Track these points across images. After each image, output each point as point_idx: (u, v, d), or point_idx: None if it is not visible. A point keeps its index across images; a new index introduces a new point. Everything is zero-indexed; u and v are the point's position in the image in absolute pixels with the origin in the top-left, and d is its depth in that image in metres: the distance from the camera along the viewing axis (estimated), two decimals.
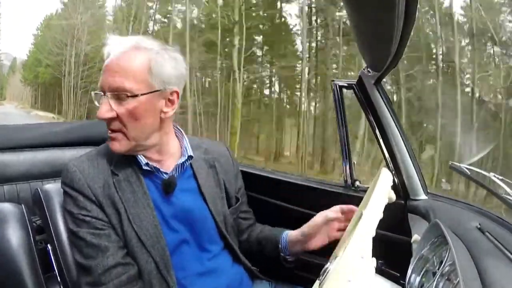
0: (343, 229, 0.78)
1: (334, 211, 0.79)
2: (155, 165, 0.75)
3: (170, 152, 0.78)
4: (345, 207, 0.79)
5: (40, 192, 0.86)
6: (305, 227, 0.81)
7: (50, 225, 0.83)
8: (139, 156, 0.74)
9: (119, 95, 0.68)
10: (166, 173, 0.76)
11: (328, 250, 0.72)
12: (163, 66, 0.70)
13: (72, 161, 0.74)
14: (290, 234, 0.84)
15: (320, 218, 0.79)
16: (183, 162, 0.78)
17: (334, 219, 0.78)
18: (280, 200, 1.25)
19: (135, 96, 0.68)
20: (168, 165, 0.78)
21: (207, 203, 0.80)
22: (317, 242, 0.80)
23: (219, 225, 0.80)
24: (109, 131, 0.71)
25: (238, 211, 0.88)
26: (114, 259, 0.67)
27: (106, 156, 0.76)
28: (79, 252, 0.69)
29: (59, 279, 0.83)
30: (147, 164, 0.74)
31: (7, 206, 0.83)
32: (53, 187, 0.86)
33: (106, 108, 0.68)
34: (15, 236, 0.79)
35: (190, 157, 0.79)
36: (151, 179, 0.76)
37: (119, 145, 0.71)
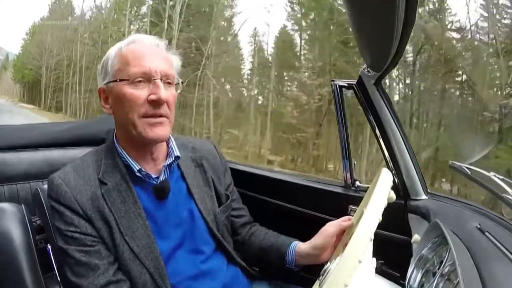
0: None
1: (346, 219, 0.73)
2: (147, 172, 0.72)
3: (162, 154, 0.76)
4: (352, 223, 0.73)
5: (40, 192, 0.85)
6: (317, 239, 0.74)
7: (50, 224, 0.83)
8: (132, 162, 0.71)
9: (169, 80, 0.70)
10: (156, 178, 0.73)
11: None
12: (178, 65, 0.76)
13: (57, 173, 0.70)
14: (299, 247, 0.78)
15: (333, 228, 0.73)
16: (170, 163, 0.75)
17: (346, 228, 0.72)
18: (280, 200, 1.25)
19: (175, 84, 0.72)
20: (158, 169, 0.75)
21: (197, 204, 0.77)
22: (327, 256, 0.73)
23: (210, 225, 0.77)
24: (154, 118, 0.68)
25: (230, 209, 0.86)
26: (105, 277, 0.65)
27: (92, 165, 0.72)
28: (69, 270, 0.66)
29: (59, 279, 0.83)
30: (139, 170, 0.71)
31: (7, 206, 0.83)
32: None
33: (165, 90, 0.67)
34: (15, 236, 0.79)
35: (177, 158, 0.76)
36: (141, 185, 0.72)
37: (166, 130, 0.70)
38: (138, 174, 0.71)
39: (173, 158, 0.75)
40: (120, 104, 0.68)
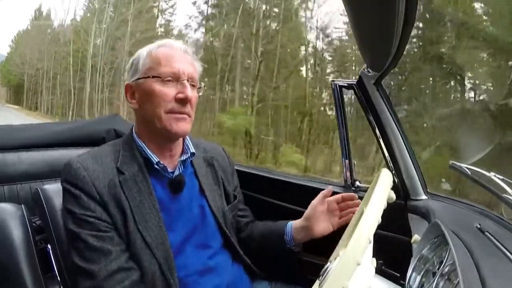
0: (345, 216, 0.83)
1: (328, 190, 0.85)
2: (164, 164, 0.75)
3: (179, 150, 0.80)
4: (346, 194, 0.84)
5: (40, 192, 0.85)
6: (306, 211, 0.85)
7: (50, 225, 0.83)
8: (151, 154, 0.74)
9: (193, 83, 0.75)
10: (172, 172, 0.76)
11: (328, 250, 0.72)
12: (200, 71, 0.80)
13: (75, 158, 0.72)
14: (294, 223, 0.86)
15: (317, 198, 0.84)
16: (185, 159, 0.78)
17: (330, 198, 0.84)
18: (279, 200, 1.25)
19: (198, 87, 0.77)
20: (174, 165, 0.78)
21: (208, 200, 0.80)
22: (320, 228, 0.82)
23: (219, 221, 0.81)
24: (178, 114, 0.72)
25: (236, 208, 0.89)
26: (117, 263, 0.65)
27: (110, 154, 0.74)
28: (79, 255, 0.66)
29: (59, 280, 0.83)
30: (158, 163, 0.74)
31: (7, 206, 0.83)
32: (53, 187, 0.86)
33: (190, 90, 0.73)
34: (15, 236, 0.79)
35: (192, 154, 0.79)
36: (157, 178, 0.75)
37: (188, 126, 0.74)
38: (156, 166, 0.74)
39: (189, 154, 0.79)
40: (148, 99, 0.72)
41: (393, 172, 0.98)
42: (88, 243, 0.66)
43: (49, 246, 0.85)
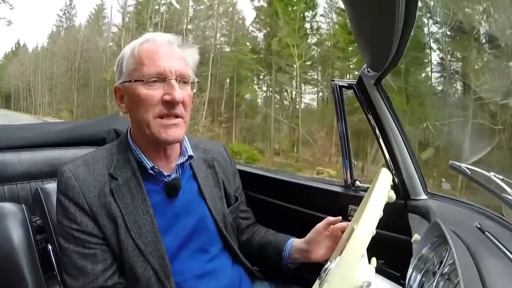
0: None
1: (336, 219, 0.77)
2: (159, 169, 0.72)
3: (175, 152, 0.77)
4: (346, 224, 0.75)
5: (40, 192, 0.86)
6: (308, 235, 0.79)
7: (50, 224, 0.83)
8: (145, 159, 0.72)
9: (184, 79, 0.69)
10: (168, 176, 0.74)
11: None
12: (194, 61, 0.74)
13: (67, 165, 0.71)
14: (295, 242, 0.82)
15: (321, 223, 0.77)
16: (183, 162, 0.76)
17: (336, 225, 0.76)
18: (280, 200, 1.25)
19: (191, 82, 0.71)
20: (170, 167, 0.75)
21: (207, 204, 0.78)
22: (319, 255, 0.76)
23: (219, 225, 0.78)
24: (171, 118, 0.67)
25: (238, 211, 0.87)
26: (93, 285, 0.66)
27: (103, 160, 0.72)
28: (64, 268, 0.68)
29: (59, 279, 0.83)
30: (152, 168, 0.71)
31: (8, 206, 0.83)
32: (53, 187, 0.86)
33: (180, 90, 0.67)
34: (15, 236, 0.79)
35: (190, 157, 0.77)
36: (152, 182, 0.73)
37: (180, 132, 0.69)
38: (150, 171, 0.71)
39: (186, 157, 0.76)
40: (135, 104, 0.68)
41: (393, 172, 0.98)
42: (71, 258, 0.66)
43: (49, 246, 0.85)
